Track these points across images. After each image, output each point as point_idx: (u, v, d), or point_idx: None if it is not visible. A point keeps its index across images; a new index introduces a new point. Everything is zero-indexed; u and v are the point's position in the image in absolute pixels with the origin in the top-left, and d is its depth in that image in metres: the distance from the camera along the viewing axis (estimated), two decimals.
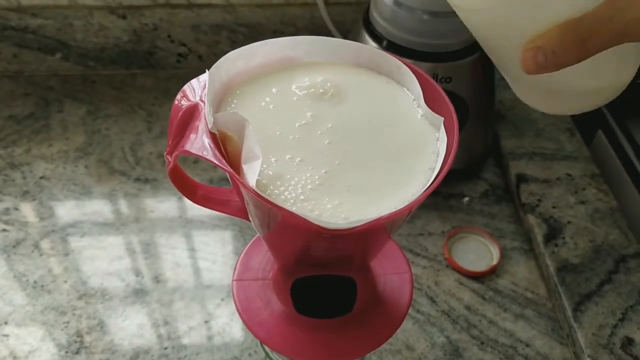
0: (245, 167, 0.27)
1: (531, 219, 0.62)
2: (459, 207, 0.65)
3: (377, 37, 0.60)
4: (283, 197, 0.28)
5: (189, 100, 0.31)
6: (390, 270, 0.40)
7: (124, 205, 0.64)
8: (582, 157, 0.69)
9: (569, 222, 0.62)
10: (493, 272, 0.59)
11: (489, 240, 0.61)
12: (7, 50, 0.76)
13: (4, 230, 0.61)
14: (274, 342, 0.36)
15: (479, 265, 0.60)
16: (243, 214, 0.34)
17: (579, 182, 0.66)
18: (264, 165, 0.29)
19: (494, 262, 0.59)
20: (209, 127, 0.28)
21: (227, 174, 0.28)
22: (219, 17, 0.75)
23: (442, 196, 0.66)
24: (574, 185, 0.65)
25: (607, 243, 0.60)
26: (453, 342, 0.54)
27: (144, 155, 0.69)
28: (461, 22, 0.58)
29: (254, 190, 0.26)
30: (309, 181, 0.29)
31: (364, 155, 0.30)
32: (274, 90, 0.33)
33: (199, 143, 0.28)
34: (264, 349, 0.41)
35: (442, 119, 0.30)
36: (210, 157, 0.27)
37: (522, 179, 0.66)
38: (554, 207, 0.63)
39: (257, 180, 0.28)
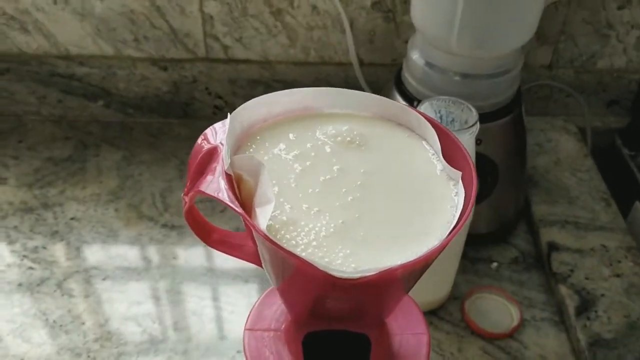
0: (258, 211, 0.27)
1: (562, 290, 0.59)
2: (486, 272, 0.63)
3: (408, 97, 0.60)
4: (294, 242, 0.27)
5: (210, 142, 0.32)
6: (407, 330, 0.39)
7: (148, 250, 0.64)
8: (618, 228, 0.66)
9: (602, 295, 0.59)
10: (514, 334, 0.57)
11: (508, 300, 0.59)
12: (53, 96, 0.79)
13: (30, 267, 0.62)
14: None
15: (499, 326, 0.57)
16: (257, 259, 0.34)
17: (614, 254, 0.63)
18: (278, 211, 0.29)
19: (515, 323, 0.57)
20: (225, 167, 0.28)
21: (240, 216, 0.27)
22: (256, 72, 0.77)
23: (469, 260, 0.64)
24: (608, 257, 0.63)
25: None
26: None
27: (173, 202, 0.70)
28: (492, 84, 0.58)
29: (263, 233, 0.26)
30: (324, 229, 0.28)
31: (384, 209, 0.30)
32: (292, 136, 0.33)
33: (215, 184, 0.29)
34: None
35: (460, 173, 0.30)
36: (225, 198, 0.27)
37: (553, 247, 0.64)
38: (586, 279, 0.61)
39: (270, 225, 0.28)
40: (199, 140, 0.32)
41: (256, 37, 0.75)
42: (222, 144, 0.31)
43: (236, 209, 0.27)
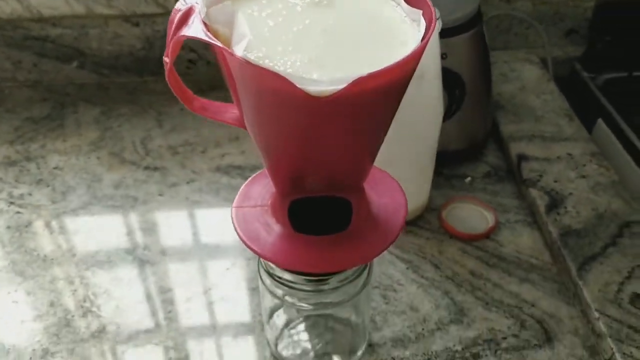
0: (235, 48, 0.30)
1: (533, 192, 0.62)
2: (461, 186, 0.66)
3: None
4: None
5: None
6: (385, 197, 0.41)
7: (133, 189, 0.66)
8: (582, 138, 0.70)
9: (570, 194, 0.62)
10: (491, 234, 0.60)
11: (482, 207, 0.62)
12: (28, 60, 0.80)
13: (18, 212, 0.63)
14: (272, 255, 0.37)
15: (476, 230, 0.60)
16: (239, 122, 0.36)
17: (579, 160, 0.66)
18: (255, 51, 0.31)
19: (491, 224, 0.60)
20: (202, 16, 0.31)
21: (218, 57, 0.29)
22: None
23: (444, 177, 0.67)
24: (574, 163, 0.66)
25: (610, 211, 0.60)
26: (457, 303, 0.54)
27: (154, 147, 0.72)
28: None
29: (241, 57, 0.28)
30: (298, 60, 0.30)
31: (355, 45, 0.32)
32: (264, 1, 0.35)
33: (193, 29, 0.31)
34: (259, 271, 0.42)
35: (420, 11, 0.32)
36: (203, 36, 0.30)
37: (522, 157, 0.67)
38: (555, 182, 0.64)
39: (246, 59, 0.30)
40: (172, 13, 0.34)
41: None
42: (197, 3, 0.33)
43: (214, 42, 0.29)
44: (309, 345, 0.50)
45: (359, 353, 0.49)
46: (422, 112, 0.55)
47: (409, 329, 0.52)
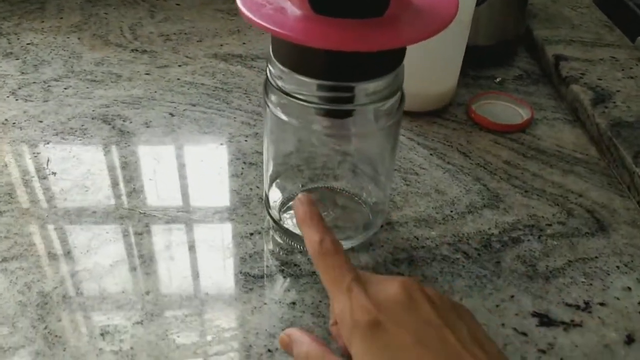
0: None
1: (575, 88, 0.55)
2: (489, 85, 0.58)
3: None
4: None
5: None
6: None
7: (117, 67, 0.57)
8: (625, 45, 0.62)
9: (617, 91, 0.54)
10: (527, 127, 0.52)
11: (516, 103, 0.55)
12: None
13: None
14: (292, 33, 0.29)
15: (509, 122, 0.52)
16: None
17: (624, 63, 0.59)
18: None
19: (526, 117, 0.52)
20: None
21: None
22: None
23: (471, 77, 0.59)
24: (620, 65, 0.58)
25: None
26: (491, 189, 0.46)
27: (144, 33, 0.63)
28: None
29: None
30: None
31: None
32: None
33: None
34: (266, 101, 0.34)
35: None
36: None
37: (561, 58, 0.59)
38: (599, 79, 0.56)
39: None
40: None
41: None
42: None
43: None
44: None
45: (375, 229, 0.41)
46: None
47: (435, 210, 0.43)
